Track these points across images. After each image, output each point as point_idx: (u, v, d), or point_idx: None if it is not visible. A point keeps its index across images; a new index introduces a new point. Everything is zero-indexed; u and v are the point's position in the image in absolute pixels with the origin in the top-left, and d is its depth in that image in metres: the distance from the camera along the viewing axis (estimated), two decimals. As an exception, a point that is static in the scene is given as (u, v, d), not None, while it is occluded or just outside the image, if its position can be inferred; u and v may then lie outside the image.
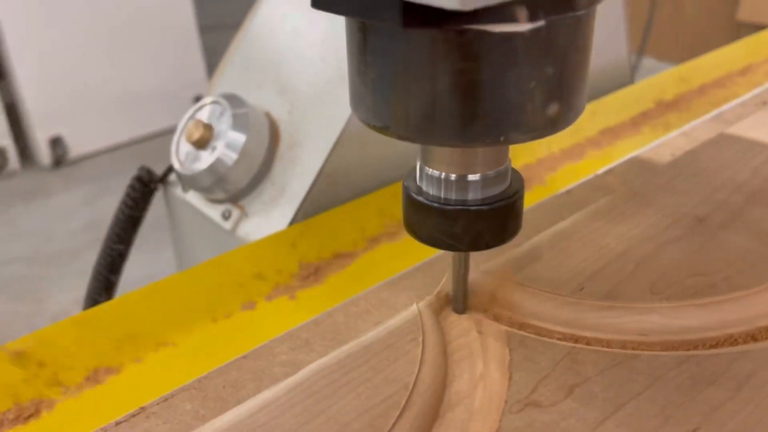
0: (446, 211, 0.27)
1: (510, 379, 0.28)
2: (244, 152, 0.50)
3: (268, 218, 0.51)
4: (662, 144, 0.51)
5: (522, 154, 0.56)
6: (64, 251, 2.06)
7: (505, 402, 0.27)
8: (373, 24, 0.23)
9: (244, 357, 0.34)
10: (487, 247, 0.28)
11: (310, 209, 0.50)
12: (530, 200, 0.41)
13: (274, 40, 0.55)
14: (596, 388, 0.28)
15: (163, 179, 0.58)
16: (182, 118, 0.55)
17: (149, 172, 0.57)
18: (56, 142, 2.54)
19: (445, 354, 0.29)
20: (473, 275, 0.34)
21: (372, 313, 0.37)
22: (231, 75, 0.58)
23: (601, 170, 0.48)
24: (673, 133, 0.53)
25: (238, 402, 0.31)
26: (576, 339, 0.32)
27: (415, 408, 0.27)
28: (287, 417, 0.27)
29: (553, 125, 0.24)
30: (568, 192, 0.44)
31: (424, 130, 0.24)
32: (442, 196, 0.28)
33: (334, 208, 0.51)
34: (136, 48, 2.53)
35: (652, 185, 0.42)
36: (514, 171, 0.29)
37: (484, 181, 0.27)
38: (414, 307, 0.33)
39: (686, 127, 0.53)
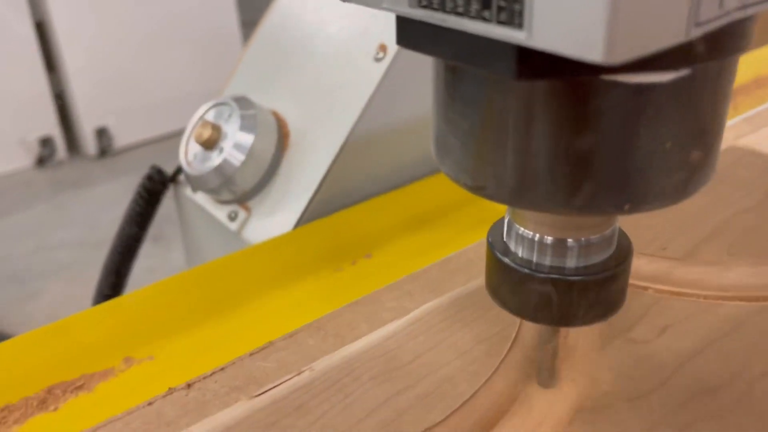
0: (539, 279, 0.24)
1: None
2: (251, 154, 0.50)
3: (273, 220, 0.51)
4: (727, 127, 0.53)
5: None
6: (109, 239, 2.13)
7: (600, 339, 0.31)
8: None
9: (356, 303, 0.37)
10: (584, 323, 0.24)
11: (315, 213, 0.50)
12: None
13: (287, 41, 0.55)
14: (686, 328, 0.31)
15: (173, 179, 0.59)
16: (191, 119, 0.55)
17: (160, 171, 0.58)
18: (102, 133, 2.63)
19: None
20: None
21: (463, 272, 0.40)
22: (244, 75, 0.58)
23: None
24: (737, 118, 0.55)
25: (355, 339, 0.34)
26: (661, 292, 0.35)
27: (523, 340, 0.30)
28: (411, 345, 0.30)
29: (683, 192, 0.21)
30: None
31: (533, 197, 0.20)
32: (535, 260, 0.24)
33: (338, 211, 0.50)
34: (181, 44, 2.60)
35: (721, 162, 0.45)
36: (621, 233, 0.25)
37: (586, 247, 0.23)
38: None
39: (751, 113, 0.56)
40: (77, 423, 0.31)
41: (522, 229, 0.24)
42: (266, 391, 0.29)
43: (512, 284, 0.24)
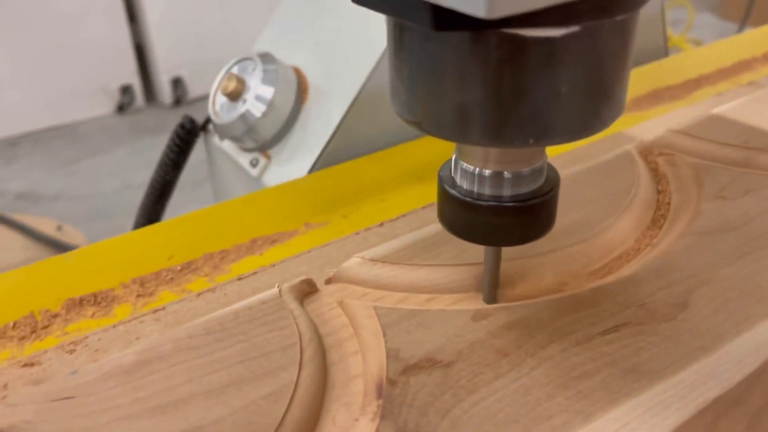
0: (479, 206, 0.27)
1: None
2: (271, 105, 0.53)
3: (290, 167, 0.55)
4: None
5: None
6: (187, 181, 2.27)
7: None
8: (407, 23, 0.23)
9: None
10: (520, 243, 0.28)
11: (327, 161, 0.53)
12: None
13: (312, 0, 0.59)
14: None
15: (203, 128, 0.62)
16: (219, 73, 0.59)
17: (192, 121, 0.62)
18: (177, 83, 2.76)
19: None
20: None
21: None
22: (272, 32, 0.62)
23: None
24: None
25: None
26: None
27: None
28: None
29: (585, 129, 0.24)
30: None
31: (453, 130, 0.24)
32: (476, 191, 0.28)
33: (350, 160, 0.53)
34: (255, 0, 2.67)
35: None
36: (550, 167, 0.29)
37: (519, 179, 0.27)
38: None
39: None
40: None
41: (465, 164, 0.28)
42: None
43: (458, 212, 0.28)
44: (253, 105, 0.54)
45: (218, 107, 0.57)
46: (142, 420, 0.25)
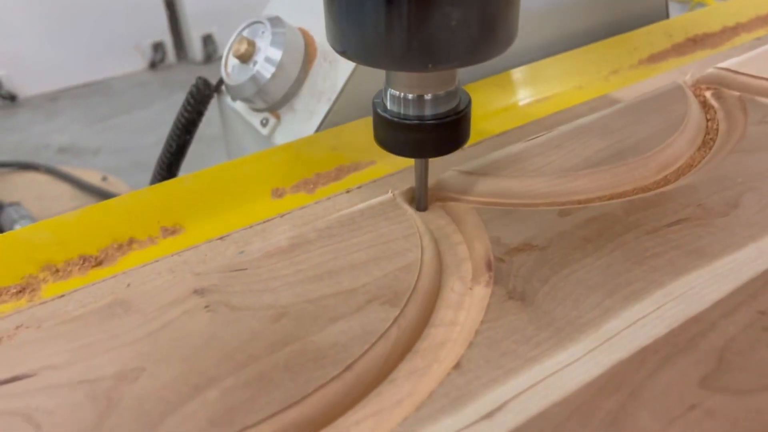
0: (406, 125, 0.33)
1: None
2: (280, 66, 0.56)
3: (298, 127, 0.57)
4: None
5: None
6: (219, 136, 2.34)
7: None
8: None
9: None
10: (441, 153, 0.34)
11: (335, 120, 0.55)
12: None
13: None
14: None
15: (217, 89, 0.65)
16: (232, 36, 0.60)
17: (206, 82, 0.64)
18: (207, 40, 2.80)
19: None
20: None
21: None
22: None
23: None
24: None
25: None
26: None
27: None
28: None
29: (476, 56, 0.29)
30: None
31: (369, 58, 0.29)
32: (402, 112, 0.33)
33: (354, 121, 0.55)
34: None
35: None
36: (462, 91, 0.35)
37: (437, 100, 0.33)
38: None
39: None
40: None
41: (392, 90, 0.33)
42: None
43: (389, 131, 0.34)
44: (263, 67, 0.56)
45: (230, 69, 0.60)
46: (305, 285, 0.32)
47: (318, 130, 0.56)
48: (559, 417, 0.26)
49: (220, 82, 0.64)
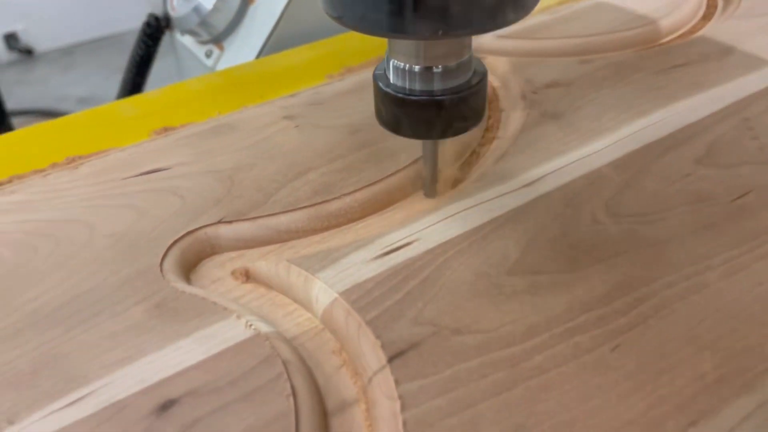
0: (412, 102, 0.28)
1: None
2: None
3: (239, 56, 0.60)
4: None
5: None
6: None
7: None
8: None
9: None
10: (453, 134, 0.29)
11: (274, 48, 0.57)
12: None
13: None
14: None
15: (168, 24, 0.67)
16: None
17: (157, 18, 0.67)
18: None
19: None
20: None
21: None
22: None
23: None
24: None
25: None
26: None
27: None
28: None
29: (491, 22, 0.24)
30: None
31: (370, 24, 0.24)
32: (407, 87, 0.28)
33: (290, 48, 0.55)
34: None
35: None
36: (477, 61, 0.30)
37: (447, 72, 0.28)
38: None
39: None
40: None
41: (396, 62, 0.28)
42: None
43: (393, 109, 0.29)
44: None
45: (175, 3, 0.63)
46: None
47: (258, 56, 0.59)
48: (581, 186, 0.33)
49: (168, 17, 0.67)
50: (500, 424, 0.23)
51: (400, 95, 0.28)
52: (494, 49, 0.46)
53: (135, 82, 0.69)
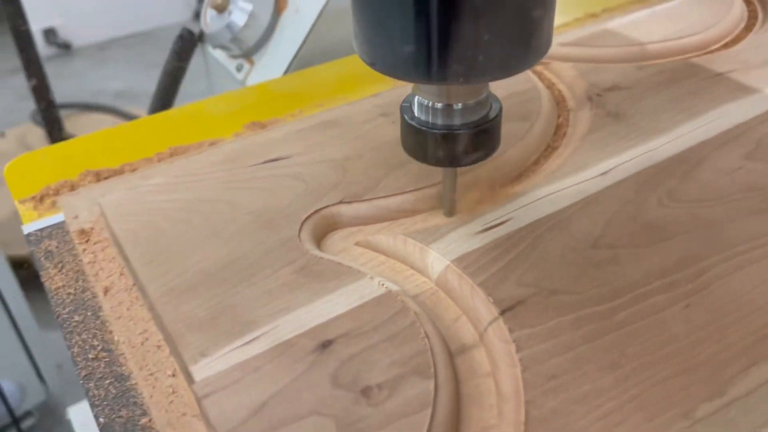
0: (434, 134, 0.32)
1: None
2: (252, 15, 0.63)
3: (268, 71, 0.63)
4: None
5: None
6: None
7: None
8: None
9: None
10: (471, 163, 0.33)
11: (301, 64, 0.62)
12: None
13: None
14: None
15: (200, 38, 0.71)
16: None
17: (190, 32, 0.70)
18: (248, -9, 2.91)
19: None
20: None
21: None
22: None
23: None
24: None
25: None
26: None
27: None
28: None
29: (508, 70, 0.28)
30: None
31: (400, 72, 0.28)
32: (431, 121, 0.32)
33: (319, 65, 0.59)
34: None
35: None
36: (493, 97, 0.33)
37: (466, 109, 0.31)
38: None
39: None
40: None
41: (420, 98, 0.32)
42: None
43: (417, 139, 0.33)
44: (236, 16, 0.64)
45: (209, 19, 0.67)
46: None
47: (286, 73, 0.64)
48: (647, 176, 0.39)
49: (201, 32, 0.71)
50: (597, 362, 0.28)
51: (423, 128, 0.32)
52: (559, 55, 0.51)
53: (167, 92, 0.73)
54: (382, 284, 0.32)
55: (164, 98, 0.72)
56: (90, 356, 0.35)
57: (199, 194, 0.39)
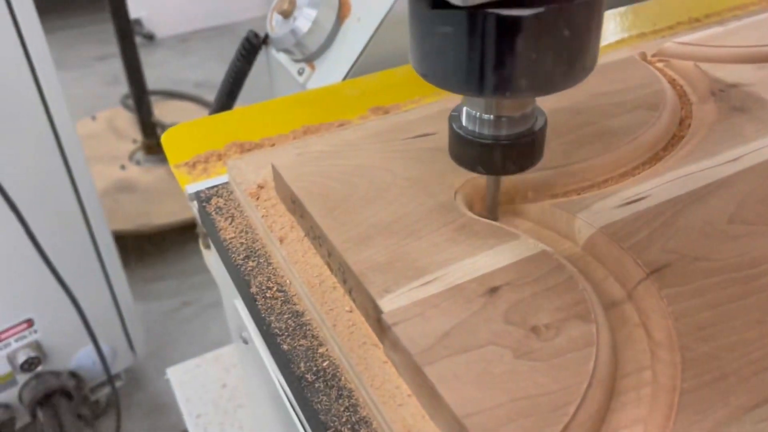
0: (480, 143, 0.34)
1: None
2: (316, 22, 0.65)
3: (329, 76, 0.66)
4: None
5: None
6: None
7: None
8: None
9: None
10: (515, 172, 0.35)
11: (361, 70, 0.63)
12: None
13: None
14: None
15: (264, 41, 0.73)
16: None
17: (256, 35, 0.72)
18: (323, -10, 2.98)
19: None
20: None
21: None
22: None
23: None
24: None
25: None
26: None
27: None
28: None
29: (553, 87, 0.30)
30: None
31: (450, 84, 0.30)
32: (477, 131, 0.34)
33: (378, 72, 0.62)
34: None
35: None
36: (539, 110, 0.35)
37: (512, 121, 0.33)
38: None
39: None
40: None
41: (468, 109, 0.35)
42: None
43: (464, 147, 0.35)
44: (301, 22, 0.66)
45: (274, 23, 0.70)
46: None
47: (345, 78, 0.66)
48: (773, 167, 0.42)
49: (266, 35, 0.73)
50: (743, 318, 0.32)
51: (470, 137, 0.35)
52: (678, 53, 0.54)
53: (231, 91, 0.76)
54: (537, 245, 0.36)
55: (228, 96, 0.76)
56: (268, 295, 0.40)
57: (359, 161, 0.44)
